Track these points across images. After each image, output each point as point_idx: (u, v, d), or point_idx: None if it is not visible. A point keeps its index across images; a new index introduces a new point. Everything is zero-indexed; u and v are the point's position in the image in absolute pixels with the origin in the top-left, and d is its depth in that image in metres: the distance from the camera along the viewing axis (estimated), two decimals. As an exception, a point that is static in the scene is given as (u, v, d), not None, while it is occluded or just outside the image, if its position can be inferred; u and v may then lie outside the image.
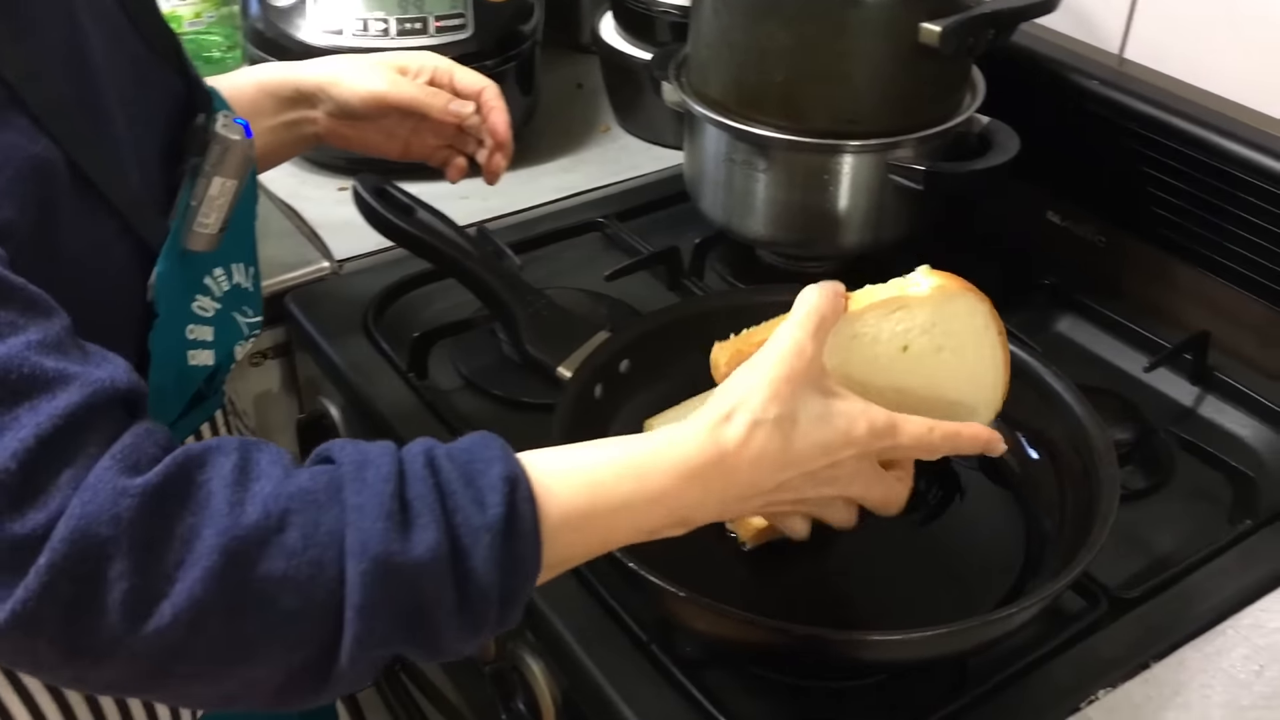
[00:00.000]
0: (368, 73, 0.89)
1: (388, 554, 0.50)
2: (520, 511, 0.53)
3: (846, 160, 0.97)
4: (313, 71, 0.89)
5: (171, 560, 0.48)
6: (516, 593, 0.54)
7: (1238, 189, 0.95)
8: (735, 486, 0.59)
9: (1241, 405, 0.95)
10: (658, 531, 0.60)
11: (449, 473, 0.54)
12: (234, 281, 0.79)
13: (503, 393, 0.96)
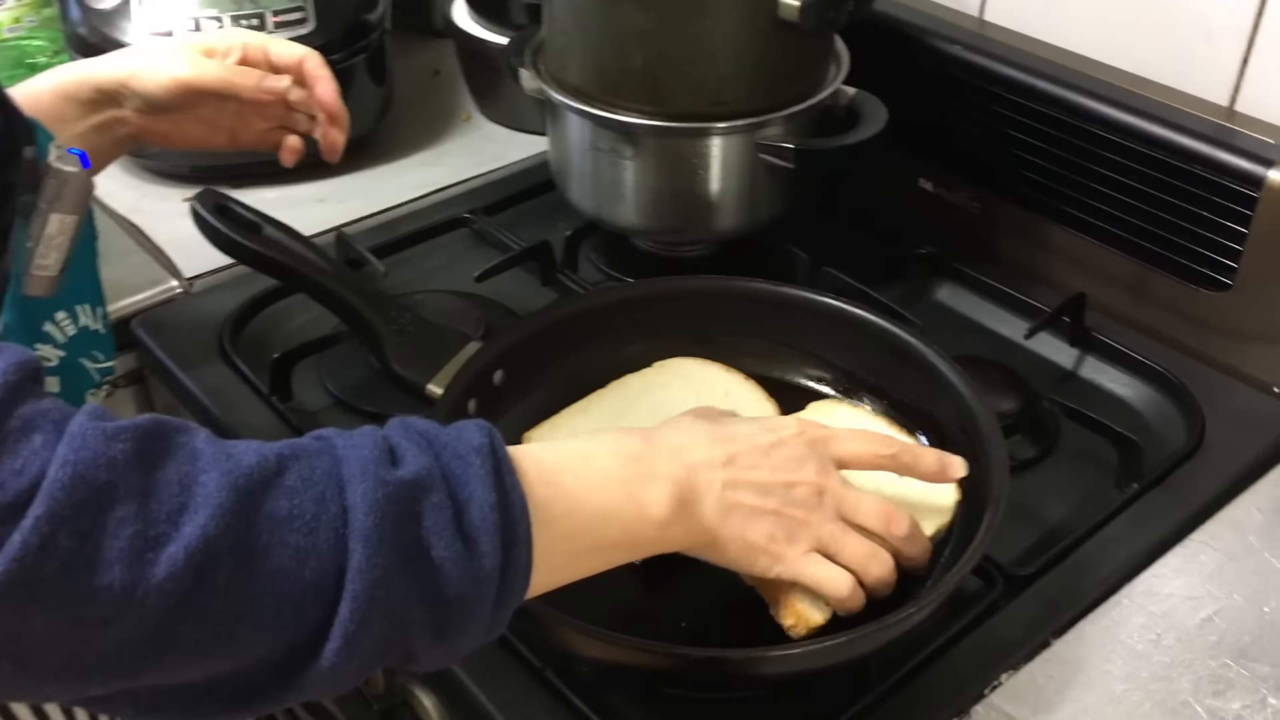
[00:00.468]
0: (169, 59, 0.83)
1: (385, 476, 0.50)
2: (498, 446, 0.54)
3: (715, 143, 0.94)
4: (110, 67, 0.83)
5: (174, 505, 0.46)
6: (515, 528, 0.52)
7: (1102, 148, 0.95)
8: (678, 442, 0.62)
9: (1120, 364, 0.95)
10: (628, 509, 0.59)
11: (427, 426, 0.55)
12: (80, 325, 0.73)
13: (375, 409, 0.91)
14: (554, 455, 0.59)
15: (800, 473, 0.64)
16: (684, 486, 0.60)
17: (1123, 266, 0.98)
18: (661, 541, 0.61)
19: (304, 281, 0.82)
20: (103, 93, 0.83)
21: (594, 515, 0.58)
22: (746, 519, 0.62)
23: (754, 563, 0.63)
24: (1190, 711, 0.68)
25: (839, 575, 0.64)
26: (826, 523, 0.64)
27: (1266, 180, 0.86)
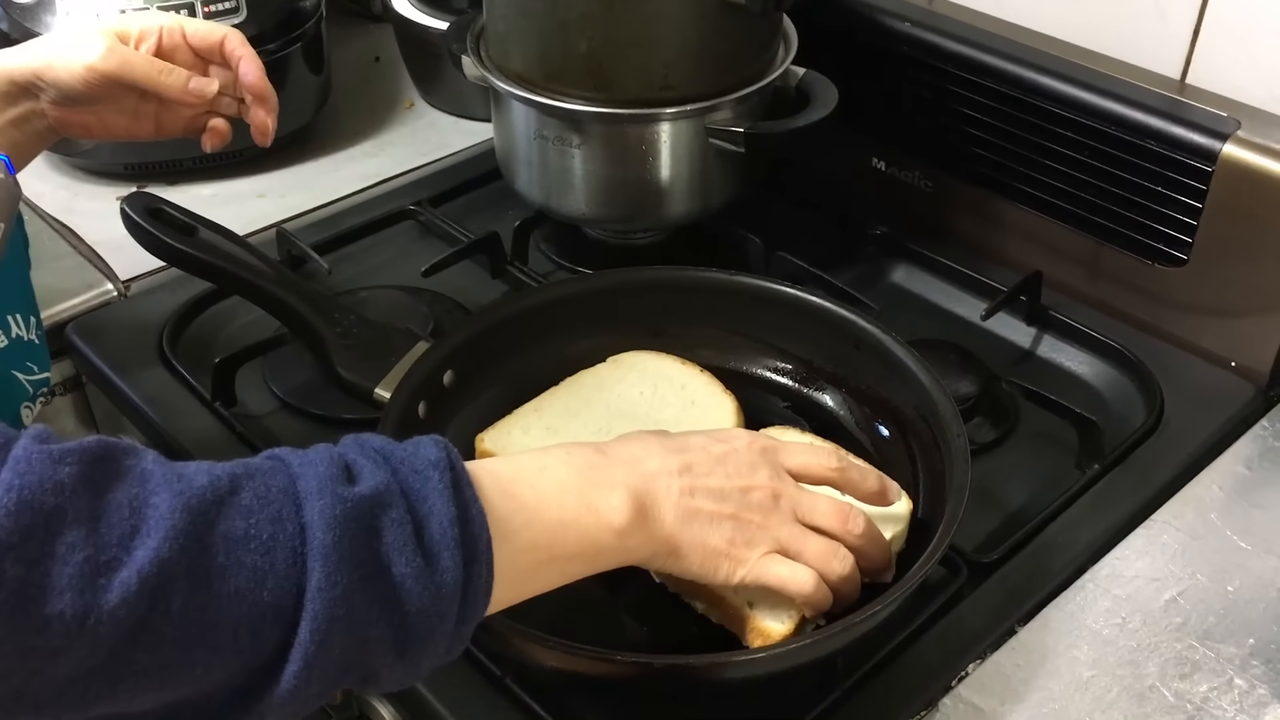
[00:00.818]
0: (83, 47, 0.79)
1: (342, 493, 0.49)
2: (455, 461, 0.53)
3: (664, 128, 0.92)
4: (22, 58, 0.79)
5: (125, 528, 0.45)
6: (476, 542, 0.52)
7: (1054, 124, 0.94)
8: (632, 453, 0.61)
9: (1078, 342, 0.95)
10: (587, 519, 0.58)
11: (382, 442, 0.54)
12: (12, 335, 0.70)
13: (324, 411, 0.88)
14: (509, 468, 0.58)
15: (754, 478, 0.63)
16: (641, 494, 0.59)
17: (1077, 243, 0.97)
18: (622, 551, 0.59)
19: (242, 285, 0.79)
20: (16, 85, 0.79)
21: (553, 526, 0.57)
22: (706, 525, 0.61)
23: (716, 569, 0.61)
24: (1158, 696, 0.68)
25: (802, 572, 0.63)
26: (784, 524, 0.63)
27: (1221, 154, 0.85)
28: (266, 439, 0.86)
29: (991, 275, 0.98)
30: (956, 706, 0.68)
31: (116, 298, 1.00)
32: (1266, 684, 0.68)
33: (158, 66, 0.81)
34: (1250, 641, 0.71)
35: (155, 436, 0.89)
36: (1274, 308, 0.88)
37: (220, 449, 0.85)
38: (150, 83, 0.80)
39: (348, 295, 0.98)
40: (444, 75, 1.23)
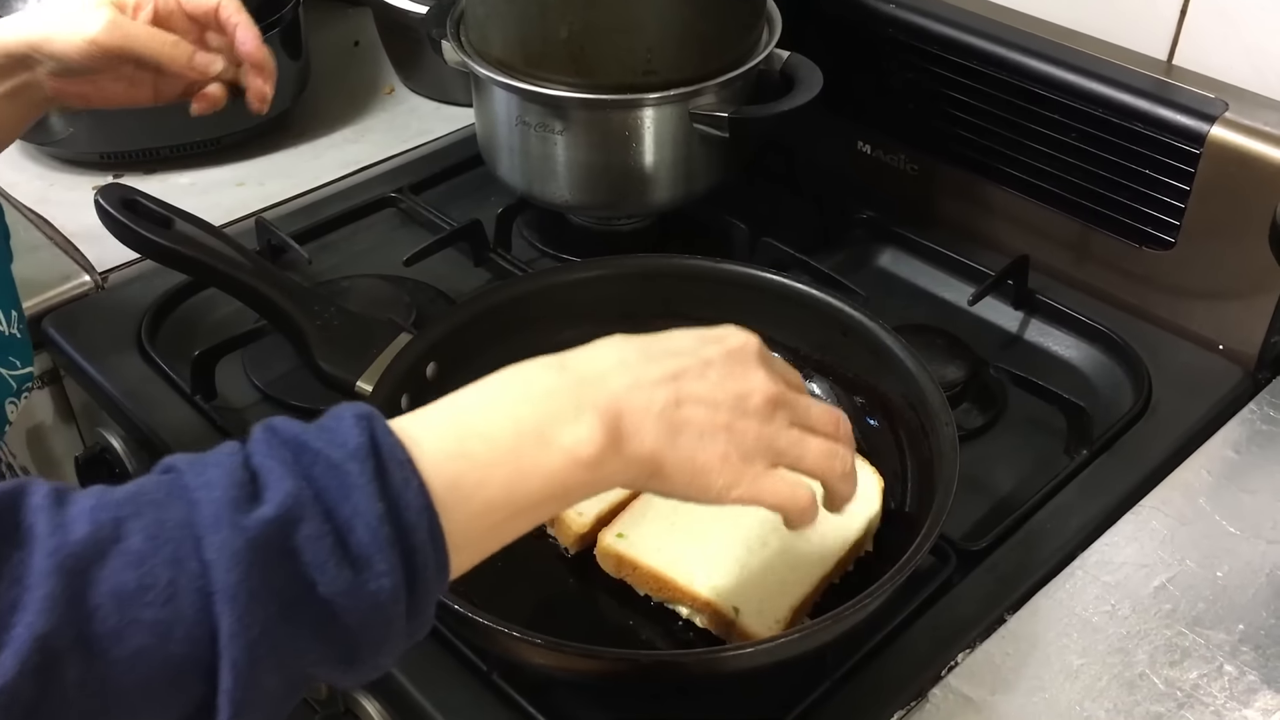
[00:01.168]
0: (82, 20, 0.77)
1: (243, 521, 0.43)
2: (380, 438, 0.47)
3: (647, 114, 0.91)
4: (17, 30, 0.77)
5: (6, 601, 0.40)
6: (412, 534, 0.45)
7: (1040, 106, 0.93)
8: (600, 365, 0.54)
9: (1065, 326, 0.94)
10: (548, 456, 0.50)
11: (296, 432, 0.47)
12: None
13: (306, 403, 0.87)
14: (453, 417, 0.51)
15: (750, 380, 0.56)
16: (614, 414, 0.52)
17: (1064, 226, 0.96)
18: (596, 483, 0.53)
19: (219, 278, 0.78)
20: (11, 57, 0.77)
21: (512, 477, 0.50)
22: (695, 439, 0.54)
23: (707, 488, 0.54)
24: (1148, 683, 0.68)
25: (801, 490, 0.57)
26: (782, 431, 0.57)
27: (1208, 136, 0.85)
28: (247, 433, 0.84)
29: (978, 259, 0.98)
30: (946, 697, 0.67)
31: (93, 289, 0.99)
32: (1256, 670, 0.68)
33: (160, 39, 0.79)
34: (1240, 628, 0.70)
35: (134, 431, 0.88)
36: (1262, 290, 0.87)
37: (200, 443, 0.84)
38: (154, 55, 0.78)
39: (328, 285, 0.97)
40: (424, 60, 1.21)
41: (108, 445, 0.95)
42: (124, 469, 0.94)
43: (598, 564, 0.70)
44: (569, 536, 0.71)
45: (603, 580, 0.70)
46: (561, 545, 0.72)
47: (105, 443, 0.95)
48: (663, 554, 0.67)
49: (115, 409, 0.89)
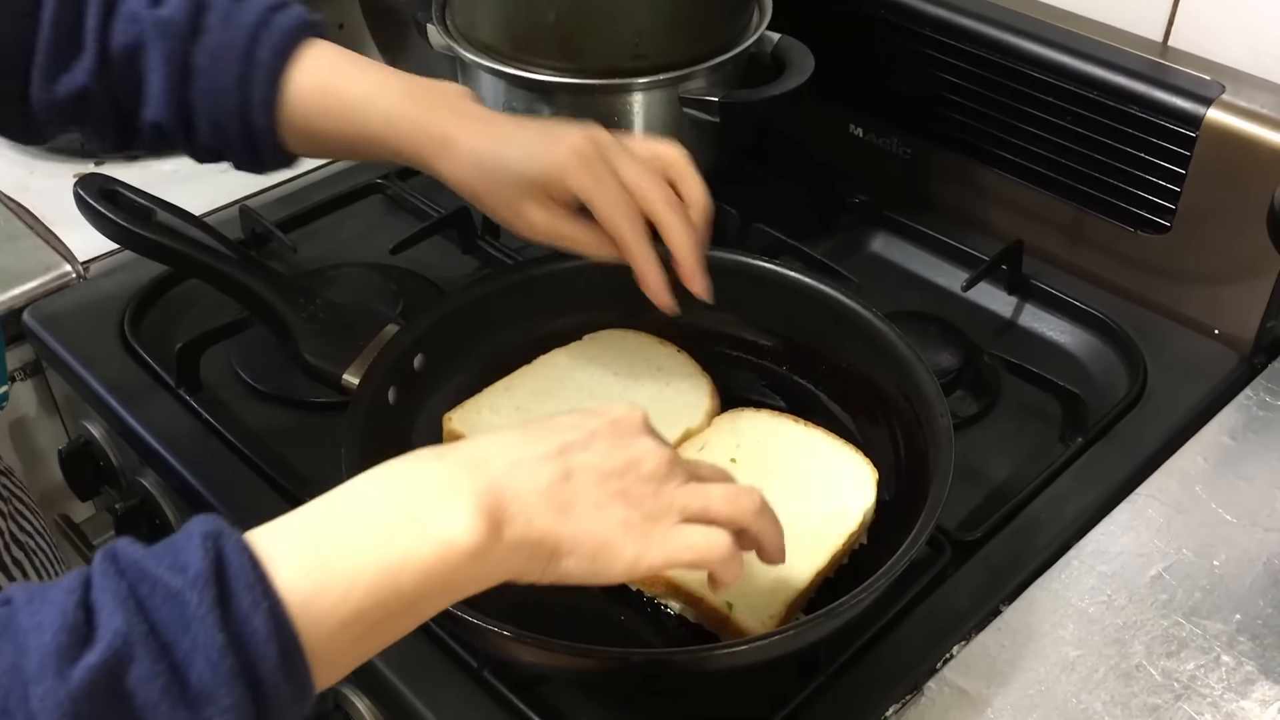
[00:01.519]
0: (511, 207, 0.69)
1: (67, 671, 0.41)
2: (229, 559, 0.44)
3: (636, 99, 0.90)
4: (457, 170, 0.70)
5: None
6: (259, 663, 0.43)
7: (1034, 88, 0.92)
8: (478, 453, 0.51)
9: (1059, 311, 0.93)
10: (422, 551, 0.47)
11: (136, 557, 0.44)
12: None
13: (294, 395, 0.86)
14: (314, 524, 0.48)
15: (641, 446, 0.54)
16: (493, 497, 0.49)
17: (1059, 210, 0.95)
18: (485, 575, 0.49)
19: (201, 269, 0.77)
20: (400, 161, 0.73)
21: (380, 580, 0.46)
22: (592, 511, 0.51)
23: (614, 561, 0.51)
24: (1145, 675, 0.67)
25: (716, 535, 0.53)
26: (683, 486, 0.54)
27: (1205, 119, 0.83)
28: (234, 426, 0.83)
29: (972, 244, 0.97)
30: (941, 690, 0.67)
31: (75, 280, 0.97)
32: (1254, 660, 0.67)
33: (597, 242, 0.71)
34: (1237, 617, 0.70)
35: (117, 424, 0.87)
36: (1258, 274, 0.86)
37: (184, 437, 0.83)
38: (588, 254, 0.72)
39: (314, 274, 0.96)
40: (410, 43, 1.19)
41: (91, 438, 0.94)
42: (108, 461, 0.93)
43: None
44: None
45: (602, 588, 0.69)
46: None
47: (89, 435, 0.94)
48: None
49: (98, 402, 0.88)
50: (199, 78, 0.69)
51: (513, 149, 0.69)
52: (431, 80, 0.72)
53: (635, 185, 0.69)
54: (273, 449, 0.82)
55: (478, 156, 0.69)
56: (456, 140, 0.69)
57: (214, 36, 0.68)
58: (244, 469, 0.80)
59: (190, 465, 0.81)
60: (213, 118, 0.69)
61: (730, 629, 0.63)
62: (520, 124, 0.72)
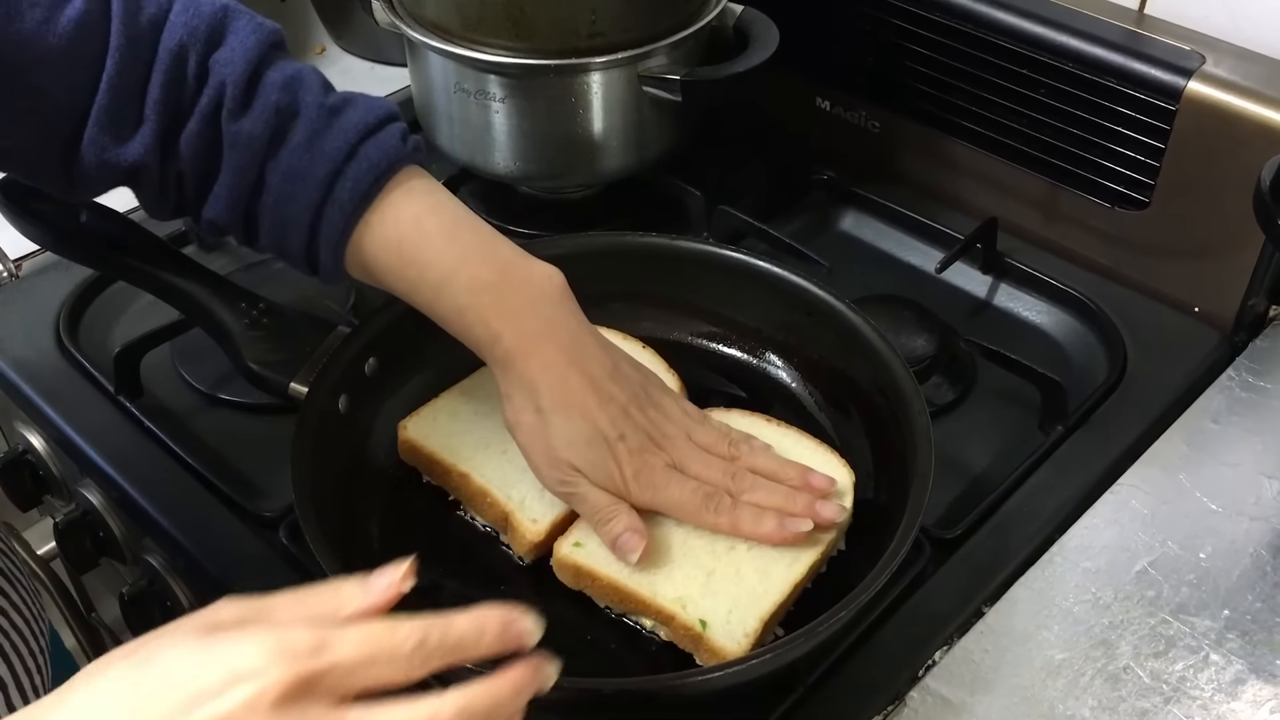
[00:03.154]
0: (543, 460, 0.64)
1: None
2: None
3: (594, 79, 0.85)
4: (488, 361, 0.65)
5: None
6: None
7: (1006, 60, 0.89)
8: None
9: (1036, 291, 0.90)
10: None
11: None
12: None
13: (244, 398, 0.82)
14: None
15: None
16: None
17: (1033, 186, 0.92)
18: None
19: (132, 273, 0.72)
20: None
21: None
22: None
23: None
24: (1133, 677, 0.65)
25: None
26: None
27: (1184, 91, 0.80)
28: (179, 434, 0.79)
29: (944, 221, 0.93)
30: (924, 700, 0.64)
31: (6, 279, 0.92)
32: (1243, 659, 0.65)
33: None
34: (1225, 614, 0.68)
35: (55, 434, 0.82)
36: (1239, 249, 0.84)
37: (127, 447, 0.79)
38: None
39: (260, 267, 0.91)
40: (356, 18, 1.15)
41: (30, 446, 0.89)
42: (48, 471, 0.89)
43: (566, 595, 0.66)
44: (523, 545, 0.66)
45: (561, 590, 0.66)
46: (516, 554, 0.68)
47: (26, 443, 0.89)
48: (623, 563, 0.63)
49: (34, 410, 0.83)
50: (269, 194, 0.62)
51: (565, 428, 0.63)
52: (525, 264, 0.63)
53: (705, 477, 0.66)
54: (221, 458, 0.79)
55: (536, 405, 0.62)
56: (524, 372, 0.62)
57: (295, 158, 0.61)
58: (190, 480, 0.76)
59: (132, 478, 0.77)
60: (276, 235, 0.63)
61: (704, 648, 0.60)
62: (587, 381, 0.63)
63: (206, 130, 0.60)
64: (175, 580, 0.78)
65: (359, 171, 0.61)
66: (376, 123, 0.62)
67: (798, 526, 0.63)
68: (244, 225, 0.63)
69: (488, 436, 0.71)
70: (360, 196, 0.61)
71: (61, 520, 0.84)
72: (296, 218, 0.62)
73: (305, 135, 0.61)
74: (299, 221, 0.62)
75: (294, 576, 0.70)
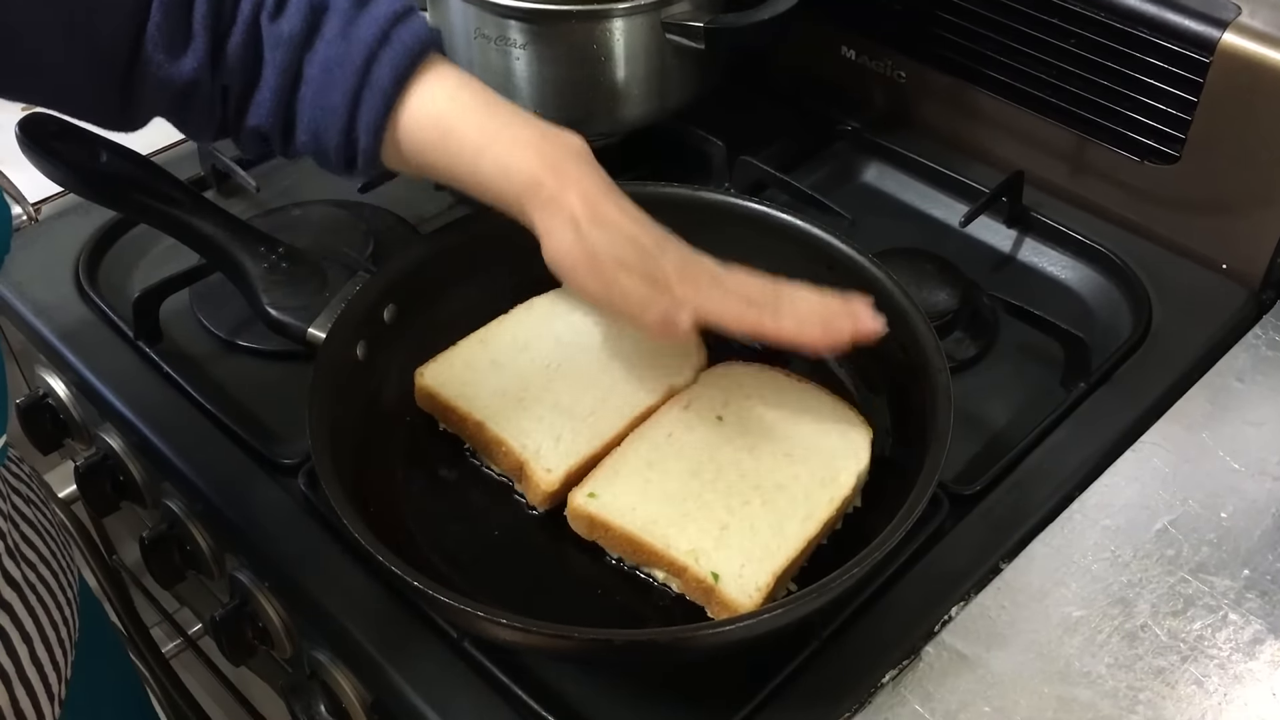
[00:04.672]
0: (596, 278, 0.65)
1: None
2: None
3: (616, 25, 0.84)
4: (528, 212, 0.66)
5: None
6: None
7: (1035, 9, 0.87)
8: None
9: (1061, 245, 0.89)
10: None
11: None
12: None
13: (262, 344, 0.82)
14: None
15: None
16: None
17: (1061, 138, 0.91)
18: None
19: (153, 214, 0.72)
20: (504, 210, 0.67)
21: None
22: None
23: None
24: (1150, 635, 0.65)
25: None
26: None
27: (1219, 43, 0.79)
28: (197, 379, 0.79)
29: (969, 174, 0.92)
30: (940, 654, 0.64)
31: (26, 222, 0.92)
32: (1261, 619, 0.65)
33: None
34: (1245, 573, 0.67)
35: (75, 378, 0.83)
36: (1269, 205, 0.82)
37: (146, 392, 0.79)
38: None
39: (278, 214, 0.91)
40: (376, -39, 1.13)
41: (50, 390, 0.89)
42: (68, 415, 0.89)
43: (579, 546, 0.66)
44: (537, 495, 0.66)
45: (575, 540, 0.66)
46: (529, 504, 0.68)
47: (47, 387, 0.90)
48: (637, 515, 0.63)
49: (54, 355, 0.83)
50: (307, 87, 0.64)
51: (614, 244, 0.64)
52: (552, 128, 0.67)
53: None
54: (240, 403, 0.79)
55: (576, 227, 0.64)
56: (565, 202, 0.64)
57: (331, 48, 0.63)
58: (209, 426, 0.77)
59: (151, 423, 0.77)
60: (314, 128, 0.65)
61: (716, 601, 0.60)
62: (623, 210, 0.66)
63: (249, 36, 0.63)
64: (195, 525, 0.79)
65: (394, 55, 0.63)
66: (404, 9, 0.65)
67: (842, 328, 0.63)
68: (283, 126, 0.66)
69: (504, 385, 0.70)
70: (398, 78, 0.63)
71: (82, 464, 0.84)
72: (335, 107, 0.64)
73: (339, 26, 0.63)
74: (338, 110, 0.64)
75: (312, 523, 0.71)
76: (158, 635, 1.01)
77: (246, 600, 0.75)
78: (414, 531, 0.67)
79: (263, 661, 0.82)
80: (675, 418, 0.69)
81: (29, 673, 0.61)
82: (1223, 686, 0.62)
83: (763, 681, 0.62)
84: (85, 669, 0.68)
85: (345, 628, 0.66)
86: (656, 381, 0.71)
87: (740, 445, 0.67)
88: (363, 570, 0.68)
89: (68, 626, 0.67)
